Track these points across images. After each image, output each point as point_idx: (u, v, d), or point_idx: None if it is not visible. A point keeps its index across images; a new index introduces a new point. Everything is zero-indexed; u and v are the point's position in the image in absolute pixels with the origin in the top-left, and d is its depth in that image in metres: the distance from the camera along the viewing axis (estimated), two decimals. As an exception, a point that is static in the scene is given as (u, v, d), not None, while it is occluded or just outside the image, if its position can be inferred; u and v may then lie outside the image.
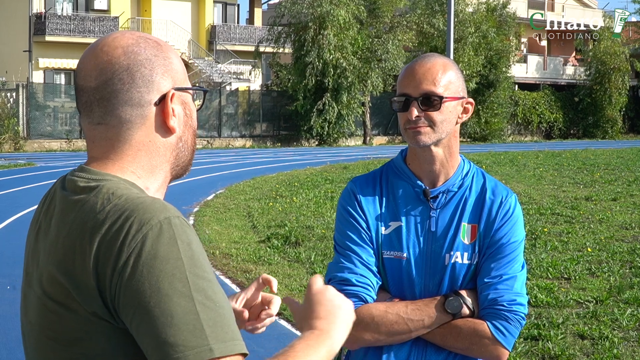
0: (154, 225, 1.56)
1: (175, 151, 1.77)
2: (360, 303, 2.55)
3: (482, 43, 48.41)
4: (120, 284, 1.54)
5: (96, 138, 1.73)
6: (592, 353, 6.74)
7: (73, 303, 1.59)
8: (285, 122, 44.45)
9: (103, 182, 1.66)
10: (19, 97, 35.86)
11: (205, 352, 1.51)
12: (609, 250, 11.15)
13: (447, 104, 2.55)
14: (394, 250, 2.60)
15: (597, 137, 55.76)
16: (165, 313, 1.52)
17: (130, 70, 1.69)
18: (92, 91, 1.70)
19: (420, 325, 2.53)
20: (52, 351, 1.65)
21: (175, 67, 1.76)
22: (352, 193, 2.67)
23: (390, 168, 2.70)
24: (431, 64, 2.57)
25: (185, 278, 1.54)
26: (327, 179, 21.64)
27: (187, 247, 1.57)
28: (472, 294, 2.57)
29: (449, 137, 2.60)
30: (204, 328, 1.52)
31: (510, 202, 2.63)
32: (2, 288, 9.06)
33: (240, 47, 48.90)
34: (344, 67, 42.20)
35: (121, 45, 1.71)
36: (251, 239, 12.47)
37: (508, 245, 2.58)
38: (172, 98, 1.73)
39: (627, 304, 8.22)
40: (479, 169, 2.71)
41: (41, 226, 1.73)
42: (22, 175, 22.84)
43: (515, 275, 2.56)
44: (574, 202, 16.41)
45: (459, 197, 2.62)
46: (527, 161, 28.90)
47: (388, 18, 45.50)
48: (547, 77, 59.03)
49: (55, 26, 42.16)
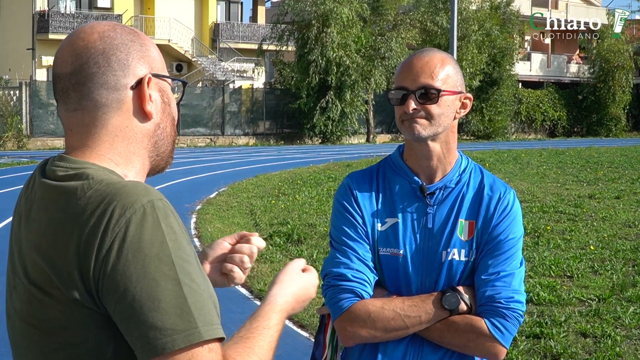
0: (137, 209, 1.55)
1: (154, 138, 1.75)
2: (356, 299, 2.53)
3: (486, 41, 48.39)
4: (104, 270, 1.53)
5: (73, 125, 1.71)
6: (594, 351, 6.72)
7: (55, 290, 1.58)
8: (288, 120, 44.45)
9: (82, 170, 1.64)
10: (22, 95, 35.89)
11: (194, 335, 1.51)
12: (612, 248, 11.13)
13: (445, 97, 2.53)
14: (390, 247, 2.57)
15: (601, 135, 55.71)
16: (152, 297, 1.51)
17: (106, 53, 1.69)
18: (68, 76, 1.70)
19: (417, 321, 2.50)
20: (35, 338, 1.64)
21: (152, 55, 1.76)
22: (348, 188, 2.64)
23: (387, 164, 2.68)
24: (429, 57, 2.55)
25: (172, 261, 1.54)
26: (330, 177, 21.62)
27: (171, 230, 1.56)
28: (469, 291, 2.54)
29: (446, 132, 2.57)
30: (191, 311, 1.52)
31: (508, 198, 2.60)
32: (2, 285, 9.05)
33: (243, 45, 48.90)
34: (347, 65, 42.19)
35: (97, 30, 1.71)
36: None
37: (506, 242, 2.55)
38: (148, 83, 1.72)
39: (629, 302, 8.20)
40: (477, 165, 2.68)
41: (22, 212, 1.73)
42: (25, 173, 22.85)
43: (513, 272, 2.53)
44: (577, 200, 16.38)
45: (456, 193, 2.60)
46: (530, 159, 28.88)
47: (391, 16, 45.48)
48: (551, 75, 58.99)
49: (58, 24, 42.18)
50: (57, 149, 35.15)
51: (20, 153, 31.91)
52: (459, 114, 2.60)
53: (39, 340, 1.64)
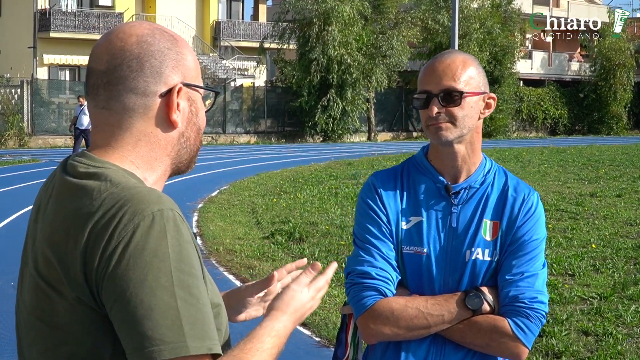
0: (146, 216, 1.56)
1: (177, 147, 1.76)
2: (379, 296, 2.53)
3: (487, 39, 48.36)
4: (105, 272, 1.54)
5: (99, 123, 1.73)
6: (596, 349, 6.72)
7: (62, 286, 1.60)
8: (289, 119, 44.44)
9: (102, 169, 1.66)
10: (23, 93, 35.89)
11: (180, 348, 1.51)
12: (614, 246, 11.13)
13: (468, 99, 2.54)
14: (413, 246, 2.58)
15: (602, 134, 55.67)
16: (146, 305, 1.52)
17: (140, 58, 1.70)
18: (101, 74, 1.71)
19: (440, 320, 2.50)
20: (40, 332, 1.66)
21: (187, 64, 1.76)
22: (372, 187, 2.64)
23: (411, 163, 2.68)
24: (451, 60, 2.56)
25: (170, 273, 1.54)
26: (332, 175, 21.62)
27: (176, 242, 1.57)
28: (492, 291, 2.54)
29: (471, 133, 2.58)
30: (182, 325, 1.52)
31: (532, 199, 2.61)
32: (6, 285, 9.07)
33: (244, 43, 48.90)
34: (349, 63, 42.18)
35: (136, 33, 1.72)
36: (255, 235, 12.47)
37: (530, 243, 2.55)
38: (178, 92, 1.73)
39: (631, 300, 8.21)
40: (500, 167, 2.69)
41: (41, 206, 1.74)
42: (26, 171, 22.86)
43: (537, 273, 2.53)
44: (578, 199, 16.38)
45: (480, 193, 2.60)
46: (531, 157, 28.87)
47: (392, 14, 45.46)
48: (552, 74, 58.95)
49: (59, 22, 42.18)
50: (59, 147, 35.15)
51: (21, 151, 31.91)
52: (483, 114, 2.61)
53: (45, 334, 1.65)
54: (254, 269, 9.87)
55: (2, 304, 8.27)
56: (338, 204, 15.66)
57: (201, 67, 47.14)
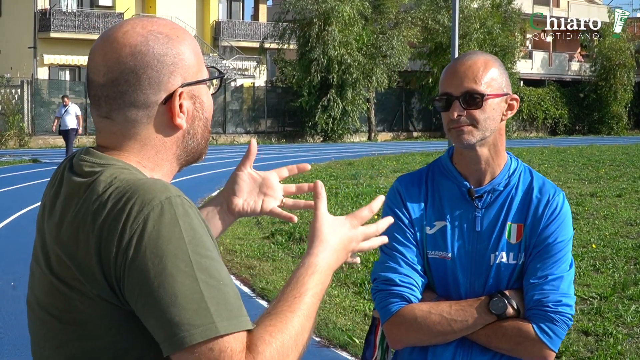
0: (155, 205, 1.57)
1: (183, 144, 1.77)
2: (403, 303, 2.54)
3: (487, 39, 48.36)
4: (124, 266, 1.56)
5: (102, 129, 1.74)
6: (596, 349, 6.72)
7: (78, 284, 1.61)
8: (290, 119, 44.45)
9: (107, 166, 1.67)
10: (23, 93, 35.89)
11: (210, 330, 1.53)
12: (614, 246, 11.13)
13: (490, 101, 2.51)
14: (438, 250, 2.58)
15: (603, 133, 55.67)
16: (169, 293, 1.53)
17: (136, 72, 1.68)
18: (100, 87, 1.70)
19: (464, 326, 2.50)
20: (55, 328, 1.67)
21: (186, 63, 1.73)
22: (397, 192, 2.65)
23: (436, 167, 2.68)
24: (472, 61, 2.53)
25: (188, 257, 1.56)
26: (332, 175, 21.62)
27: (188, 227, 1.58)
28: (517, 294, 2.53)
29: (494, 136, 2.56)
30: (208, 307, 1.54)
31: (557, 200, 2.59)
32: (6, 285, 9.06)
33: (245, 43, 48.91)
34: (349, 63, 42.19)
35: (129, 43, 1.69)
36: (255, 235, 12.47)
37: (555, 245, 2.53)
38: (180, 95, 1.72)
39: (631, 300, 8.21)
40: (526, 167, 2.66)
41: (46, 204, 1.74)
42: (26, 171, 22.86)
43: (562, 276, 2.51)
44: (578, 199, 16.37)
45: (504, 196, 2.59)
46: (532, 157, 28.86)
47: (393, 14, 45.48)
48: (552, 73, 58.95)
49: (60, 22, 42.19)
50: (59, 147, 35.14)
51: (21, 152, 31.91)
52: (506, 115, 2.58)
53: (58, 330, 1.66)
54: (254, 269, 9.88)
55: (2, 304, 8.27)
56: (338, 204, 15.65)
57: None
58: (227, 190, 2.12)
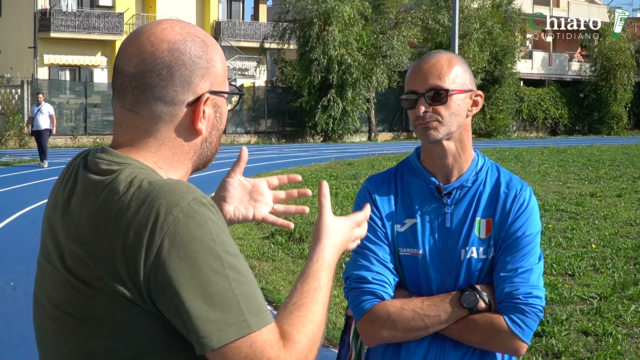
0: (183, 207, 1.59)
1: (199, 151, 1.79)
2: (376, 300, 2.57)
3: (487, 39, 48.37)
4: (156, 268, 1.57)
5: (124, 123, 1.74)
6: (595, 349, 6.72)
7: (97, 281, 1.61)
8: (290, 119, 44.46)
9: (125, 165, 1.68)
10: (23, 93, 35.89)
11: (244, 327, 1.58)
12: (614, 246, 11.13)
13: (455, 97, 2.56)
14: (410, 248, 2.61)
15: (603, 133, 55.68)
16: (205, 293, 1.57)
17: (171, 67, 1.70)
18: (130, 77, 1.71)
19: (436, 320, 2.53)
20: (70, 326, 1.67)
21: (216, 71, 1.77)
22: (367, 192, 2.69)
23: (405, 166, 2.72)
24: (436, 59, 2.59)
25: (220, 257, 1.59)
26: (332, 175, 21.63)
27: (216, 226, 1.61)
28: (488, 288, 2.57)
29: (460, 131, 2.61)
30: (240, 304, 1.59)
31: (524, 195, 2.63)
32: (6, 285, 9.06)
33: (245, 43, 48.92)
34: (349, 63, 42.20)
35: (168, 39, 1.71)
36: (255, 235, 12.47)
37: (523, 238, 2.57)
38: (206, 101, 1.74)
39: (631, 300, 8.21)
40: (493, 163, 2.71)
41: (58, 201, 1.74)
42: (26, 171, 22.86)
43: (532, 268, 2.55)
44: (578, 199, 16.38)
45: (473, 192, 2.63)
46: (532, 157, 28.87)
47: (393, 14, 45.49)
48: (553, 73, 58.97)
49: (60, 22, 42.20)
50: (59, 147, 35.16)
51: (21, 151, 31.89)
52: (471, 111, 2.63)
53: (74, 328, 1.66)
54: (254, 269, 9.88)
55: (1, 304, 8.27)
56: (338, 204, 15.65)
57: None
58: (217, 197, 2.12)
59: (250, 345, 1.58)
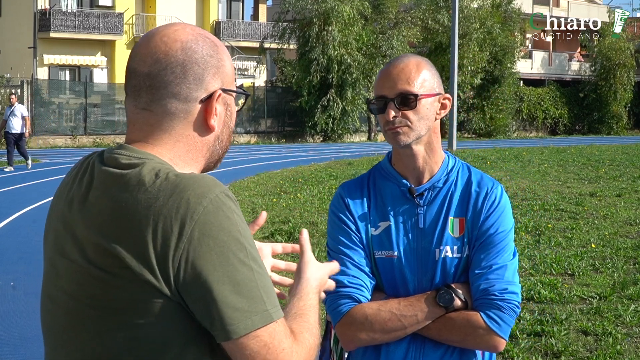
0: (212, 199, 1.66)
1: (212, 148, 1.85)
2: (353, 303, 2.59)
3: (487, 39, 48.38)
4: (186, 257, 1.63)
5: (138, 121, 1.79)
6: (595, 349, 6.73)
7: (122, 271, 1.65)
8: (289, 118, 44.48)
9: (146, 160, 1.72)
10: (23, 93, 35.87)
11: (266, 316, 1.67)
12: (613, 246, 11.13)
13: (424, 101, 2.59)
14: (384, 250, 2.64)
15: (602, 133, 55.68)
16: (233, 282, 1.64)
17: (184, 65, 1.76)
18: (144, 76, 1.77)
19: (414, 320, 2.55)
20: (91, 319, 1.70)
21: (226, 70, 1.84)
22: (340, 198, 2.72)
23: (377, 170, 2.76)
24: (404, 64, 2.62)
25: (245, 248, 1.67)
26: (332, 175, 21.62)
27: (240, 219, 1.69)
28: (464, 287, 2.59)
29: (429, 134, 2.63)
30: (262, 294, 1.67)
31: (495, 192, 2.65)
32: (6, 285, 9.07)
33: (245, 43, 48.93)
34: (349, 63, 42.21)
35: (181, 39, 1.78)
36: (255, 235, 12.40)
37: (496, 235, 2.60)
38: (217, 98, 1.80)
39: (630, 300, 8.21)
40: (464, 164, 2.74)
41: (74, 198, 1.77)
42: (26, 171, 22.87)
43: (506, 264, 2.57)
44: (578, 198, 16.38)
45: (444, 192, 2.66)
46: (532, 157, 28.86)
47: (393, 14, 45.49)
48: (552, 73, 58.98)
49: (59, 22, 42.21)
50: (59, 147, 35.17)
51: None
52: (440, 114, 2.66)
53: (96, 320, 1.69)
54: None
55: (1, 304, 8.27)
56: (338, 203, 15.65)
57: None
58: None
59: (270, 334, 1.65)
